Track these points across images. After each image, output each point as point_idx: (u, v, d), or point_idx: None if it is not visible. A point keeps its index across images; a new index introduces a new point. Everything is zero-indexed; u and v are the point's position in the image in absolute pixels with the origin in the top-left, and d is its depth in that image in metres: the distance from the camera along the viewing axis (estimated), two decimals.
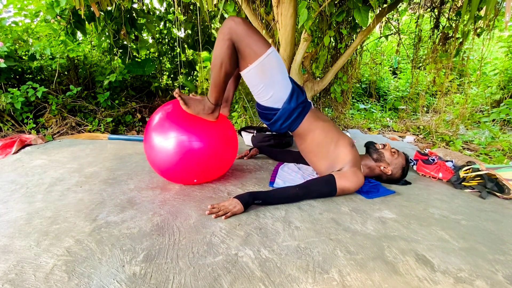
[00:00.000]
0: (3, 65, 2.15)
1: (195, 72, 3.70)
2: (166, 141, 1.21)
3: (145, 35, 3.32)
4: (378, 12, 2.34)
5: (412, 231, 1.03)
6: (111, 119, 2.72)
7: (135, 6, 2.93)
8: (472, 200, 1.35)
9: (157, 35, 3.40)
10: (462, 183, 1.48)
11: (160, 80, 3.63)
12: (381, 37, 3.75)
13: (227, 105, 1.45)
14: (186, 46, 3.47)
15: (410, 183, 1.52)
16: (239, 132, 2.35)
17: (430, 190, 1.45)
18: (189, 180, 1.35)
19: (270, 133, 2.12)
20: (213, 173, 1.37)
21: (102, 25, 2.78)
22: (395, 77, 5.10)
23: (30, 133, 2.33)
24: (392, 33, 3.43)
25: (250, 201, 1.13)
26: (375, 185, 1.41)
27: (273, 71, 1.21)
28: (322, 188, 1.24)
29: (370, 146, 1.49)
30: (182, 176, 1.31)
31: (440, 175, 1.59)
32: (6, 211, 1.09)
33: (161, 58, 3.57)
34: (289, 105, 1.28)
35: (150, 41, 3.38)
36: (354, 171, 1.29)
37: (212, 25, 3.45)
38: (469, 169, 1.50)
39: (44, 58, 2.66)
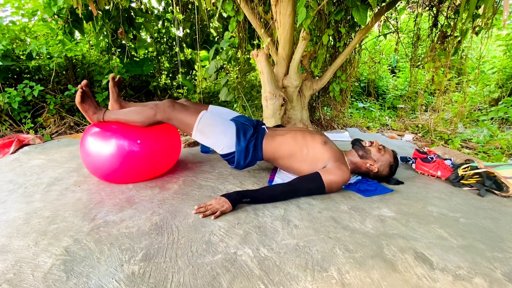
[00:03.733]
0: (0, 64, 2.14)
1: (194, 71, 3.69)
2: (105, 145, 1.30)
3: (143, 34, 3.31)
4: (376, 10, 2.34)
5: (411, 229, 1.03)
6: None
7: (133, 5, 2.92)
8: (470, 198, 1.35)
9: (156, 34, 3.39)
10: (461, 181, 1.48)
11: (159, 79, 3.62)
12: (379, 35, 3.75)
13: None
14: (184, 45, 3.46)
15: (402, 183, 1.48)
16: None
17: (429, 188, 1.46)
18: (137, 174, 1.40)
19: None
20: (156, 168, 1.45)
21: (100, 24, 2.77)
22: (393, 75, 5.10)
23: (28, 133, 2.32)
24: (390, 32, 3.43)
25: (238, 199, 1.13)
26: (373, 183, 1.41)
27: (211, 128, 1.36)
28: (309, 184, 1.24)
29: (356, 143, 1.45)
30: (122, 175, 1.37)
31: (439, 173, 1.59)
32: (4, 211, 1.09)
33: (159, 57, 3.56)
34: (239, 146, 1.36)
35: (149, 40, 3.37)
36: (337, 166, 1.29)
37: (211, 24, 3.44)
38: (467, 167, 1.51)
39: (41, 57, 2.65)
